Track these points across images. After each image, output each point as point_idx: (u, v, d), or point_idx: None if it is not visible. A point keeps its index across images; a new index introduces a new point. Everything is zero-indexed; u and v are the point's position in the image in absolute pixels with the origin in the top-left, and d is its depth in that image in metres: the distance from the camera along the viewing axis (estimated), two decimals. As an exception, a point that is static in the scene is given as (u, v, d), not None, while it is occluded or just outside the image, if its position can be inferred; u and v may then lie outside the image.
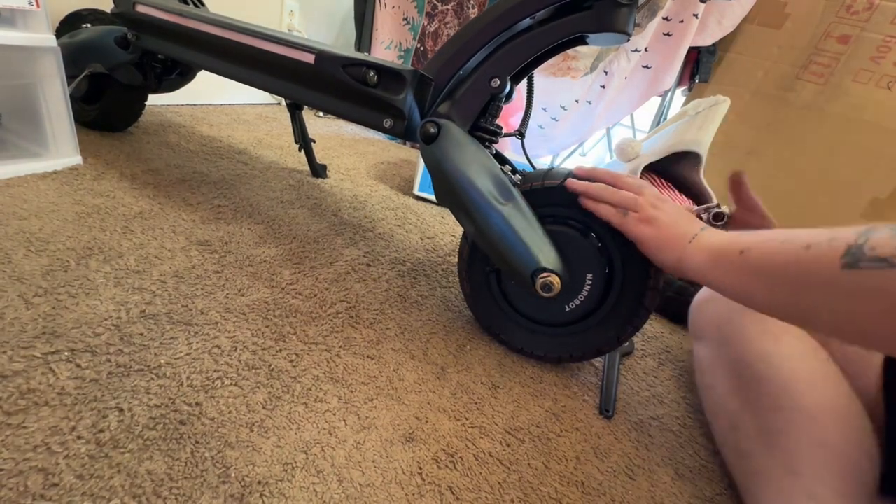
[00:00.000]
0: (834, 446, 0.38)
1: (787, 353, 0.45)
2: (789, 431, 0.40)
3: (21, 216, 0.60)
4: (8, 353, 0.40)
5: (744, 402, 0.47)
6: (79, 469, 0.33)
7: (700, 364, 0.57)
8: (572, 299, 0.54)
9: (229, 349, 0.48)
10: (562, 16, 0.51)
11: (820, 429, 0.39)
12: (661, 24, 1.24)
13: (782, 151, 1.25)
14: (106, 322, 0.47)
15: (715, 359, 0.53)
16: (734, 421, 0.47)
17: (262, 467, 0.37)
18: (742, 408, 0.47)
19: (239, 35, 0.66)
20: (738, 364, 0.49)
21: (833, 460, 0.38)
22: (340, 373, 0.49)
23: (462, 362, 0.55)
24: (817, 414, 0.40)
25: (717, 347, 0.53)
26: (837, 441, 0.38)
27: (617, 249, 0.52)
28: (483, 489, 0.40)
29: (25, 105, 0.73)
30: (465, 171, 0.52)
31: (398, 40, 1.57)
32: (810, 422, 0.40)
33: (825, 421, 0.40)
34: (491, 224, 0.51)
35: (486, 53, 0.55)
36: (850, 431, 0.39)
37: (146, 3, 0.74)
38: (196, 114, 1.27)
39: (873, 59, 1.08)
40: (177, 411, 0.39)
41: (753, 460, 0.43)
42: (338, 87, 0.61)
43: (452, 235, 0.93)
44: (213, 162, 0.95)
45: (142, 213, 0.68)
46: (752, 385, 0.46)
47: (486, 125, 0.58)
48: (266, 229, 0.74)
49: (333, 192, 0.97)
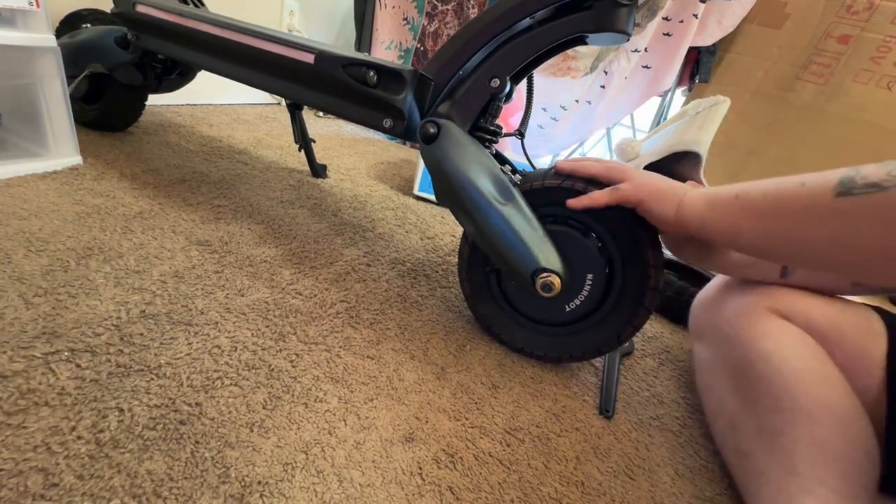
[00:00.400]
0: (834, 447, 0.38)
1: (788, 354, 0.45)
2: (789, 432, 0.40)
3: (21, 216, 0.60)
4: (8, 353, 0.40)
5: (744, 402, 0.47)
6: (79, 469, 0.33)
7: (700, 364, 0.57)
8: (572, 299, 0.54)
9: (229, 349, 0.48)
10: (562, 16, 0.51)
11: (820, 429, 0.39)
12: (660, 24, 1.24)
13: (782, 151, 1.25)
14: (106, 322, 0.47)
15: (715, 359, 0.53)
16: (734, 421, 0.47)
17: (262, 467, 0.37)
18: (742, 408, 0.47)
19: (239, 35, 0.66)
20: (738, 364, 0.49)
21: (833, 461, 0.38)
22: (340, 373, 0.49)
23: (462, 362, 0.55)
24: (818, 414, 0.40)
25: (717, 348, 0.53)
26: (838, 441, 0.38)
27: (617, 249, 0.52)
28: (483, 489, 0.40)
29: (25, 105, 0.73)
30: (465, 171, 0.52)
31: (398, 40, 1.57)
32: (811, 422, 0.40)
33: (825, 421, 0.40)
34: (491, 224, 0.51)
35: (485, 53, 0.55)
36: (850, 432, 0.39)
37: (146, 3, 0.74)
38: (196, 114, 1.27)
39: (873, 59, 1.08)
40: (177, 411, 0.39)
41: (753, 460, 0.43)
42: (338, 87, 0.61)
43: (452, 235, 0.93)
44: (213, 162, 0.95)
45: (142, 213, 0.68)
46: (752, 385, 0.46)
47: (486, 125, 0.58)
48: (266, 229, 0.74)
49: (333, 192, 0.97)
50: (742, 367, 0.48)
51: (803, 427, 0.40)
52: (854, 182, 0.30)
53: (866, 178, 0.30)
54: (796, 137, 1.22)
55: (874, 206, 0.29)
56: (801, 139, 1.22)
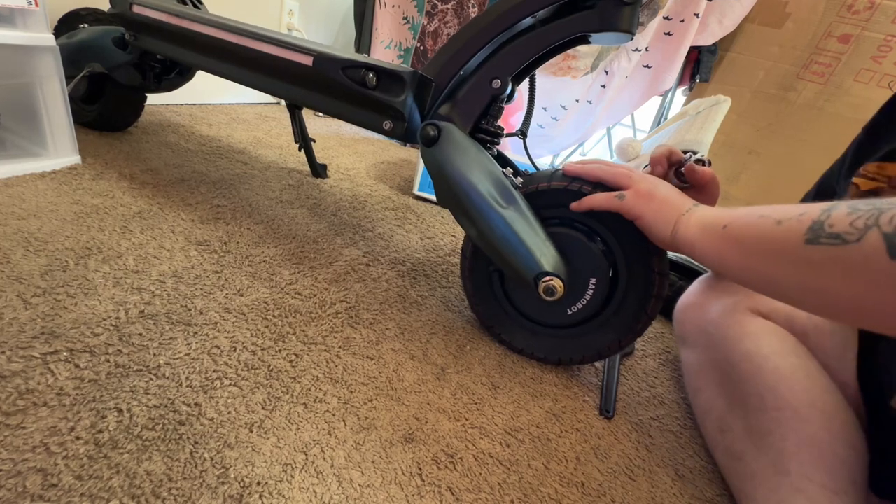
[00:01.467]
0: (821, 442, 0.39)
1: (769, 352, 0.45)
2: (777, 430, 0.41)
3: (20, 216, 0.60)
4: (6, 354, 0.40)
5: (731, 404, 0.47)
6: (77, 470, 0.33)
7: (687, 368, 0.57)
8: (575, 302, 0.54)
9: (228, 349, 0.48)
10: (564, 15, 0.51)
11: (806, 426, 0.40)
12: (661, 24, 1.24)
13: (783, 151, 1.25)
14: (105, 322, 0.47)
15: (701, 362, 0.54)
16: (723, 423, 0.48)
17: (261, 468, 0.37)
18: (729, 409, 0.47)
19: (236, 37, 0.66)
20: (723, 366, 0.49)
21: (820, 457, 0.38)
22: (340, 373, 0.49)
23: (462, 363, 0.55)
24: (802, 411, 0.40)
25: (702, 351, 0.54)
26: (824, 437, 0.39)
27: (622, 254, 0.51)
28: (483, 490, 0.40)
29: (24, 104, 0.73)
30: (467, 174, 0.52)
31: (398, 40, 1.56)
32: (797, 419, 0.40)
33: (811, 417, 0.40)
34: (493, 227, 0.51)
35: (487, 54, 0.54)
36: (835, 427, 0.39)
37: (143, 3, 0.74)
38: (195, 113, 1.27)
39: (874, 58, 1.07)
40: (176, 412, 0.39)
41: (745, 462, 0.43)
42: (337, 89, 0.61)
43: (452, 235, 0.93)
44: (213, 161, 0.95)
45: (141, 213, 0.68)
46: (737, 386, 0.46)
47: (488, 127, 0.58)
48: (265, 229, 0.74)
49: (333, 192, 0.97)
50: (727, 368, 0.49)
51: (790, 424, 0.40)
52: (822, 230, 0.30)
53: (832, 228, 0.29)
54: (797, 137, 1.22)
55: (838, 260, 0.29)
56: (801, 139, 1.22)
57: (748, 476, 0.42)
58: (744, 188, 1.34)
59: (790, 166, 1.25)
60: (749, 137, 1.29)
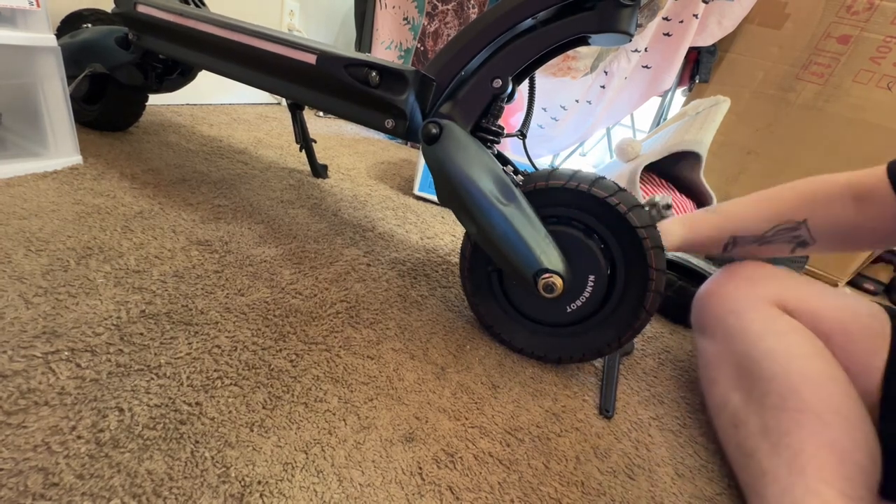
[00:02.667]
0: (843, 449, 0.38)
1: (794, 353, 0.45)
2: (797, 432, 0.40)
3: (21, 216, 0.60)
4: (8, 353, 0.40)
5: (747, 399, 0.47)
6: (79, 469, 0.33)
7: (703, 358, 0.56)
8: (574, 300, 0.54)
9: (229, 349, 0.48)
10: (564, 16, 0.51)
11: (828, 431, 0.39)
12: (661, 25, 1.24)
13: (782, 151, 1.25)
14: (106, 322, 0.47)
15: (719, 353, 0.53)
16: (737, 417, 0.47)
17: (261, 467, 0.37)
18: (745, 404, 0.47)
19: (240, 35, 0.66)
20: (742, 360, 0.49)
21: (841, 463, 0.38)
22: (340, 373, 0.49)
23: (462, 362, 0.55)
24: (826, 416, 0.40)
25: (720, 342, 0.53)
26: (846, 444, 0.38)
27: (620, 251, 0.52)
28: (483, 489, 0.40)
29: (26, 104, 0.73)
30: (468, 171, 0.52)
31: (398, 40, 1.57)
32: (819, 423, 0.40)
33: (833, 423, 0.39)
34: (493, 225, 0.51)
35: (487, 54, 0.55)
36: (856, 434, 0.39)
37: (147, 3, 0.74)
38: (196, 113, 1.27)
39: (873, 59, 1.07)
40: (177, 411, 0.39)
41: (757, 459, 0.43)
42: (339, 87, 0.61)
43: (452, 235, 0.93)
44: (213, 162, 0.95)
45: (142, 213, 0.68)
46: (757, 383, 0.46)
47: (488, 126, 0.58)
48: (266, 229, 0.74)
49: (333, 192, 0.97)
50: (747, 363, 0.48)
51: (811, 427, 0.40)
52: None
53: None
54: (796, 137, 1.22)
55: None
56: (800, 139, 1.22)
57: (759, 473, 0.42)
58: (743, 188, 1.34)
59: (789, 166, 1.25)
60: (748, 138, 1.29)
